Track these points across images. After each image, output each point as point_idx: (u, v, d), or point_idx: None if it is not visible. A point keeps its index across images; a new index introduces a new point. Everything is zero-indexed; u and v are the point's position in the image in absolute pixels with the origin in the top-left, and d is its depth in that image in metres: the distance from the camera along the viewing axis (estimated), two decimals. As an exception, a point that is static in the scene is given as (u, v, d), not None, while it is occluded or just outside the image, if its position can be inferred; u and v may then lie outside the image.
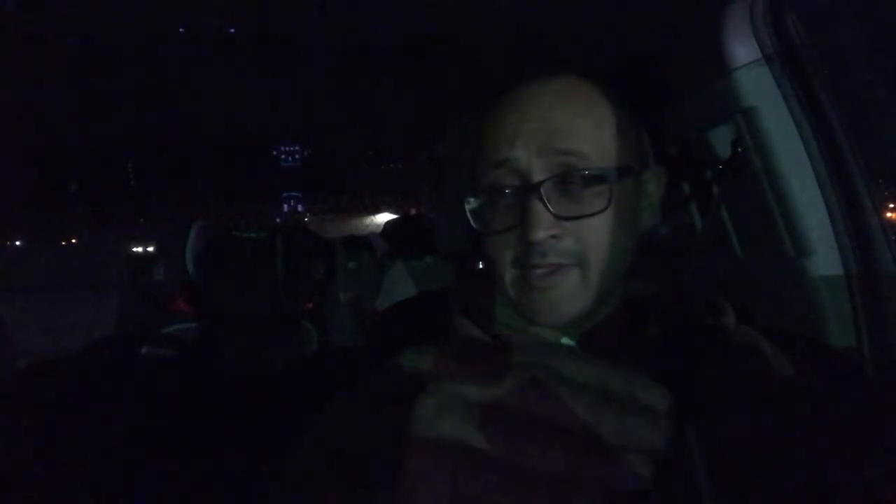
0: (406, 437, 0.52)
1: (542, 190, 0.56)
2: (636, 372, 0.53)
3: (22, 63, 1.42)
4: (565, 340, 0.58)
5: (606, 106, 0.60)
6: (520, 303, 0.59)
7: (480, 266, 1.02)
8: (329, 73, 1.60)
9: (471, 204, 0.62)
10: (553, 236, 0.56)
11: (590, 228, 0.57)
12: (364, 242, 1.88)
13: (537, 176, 0.57)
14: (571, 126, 0.58)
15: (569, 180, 0.57)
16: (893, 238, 0.87)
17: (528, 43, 1.29)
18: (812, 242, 0.89)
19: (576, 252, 0.56)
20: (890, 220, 0.90)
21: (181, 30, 1.30)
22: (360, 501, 0.51)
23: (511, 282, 0.59)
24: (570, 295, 0.57)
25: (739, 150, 0.97)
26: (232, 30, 1.30)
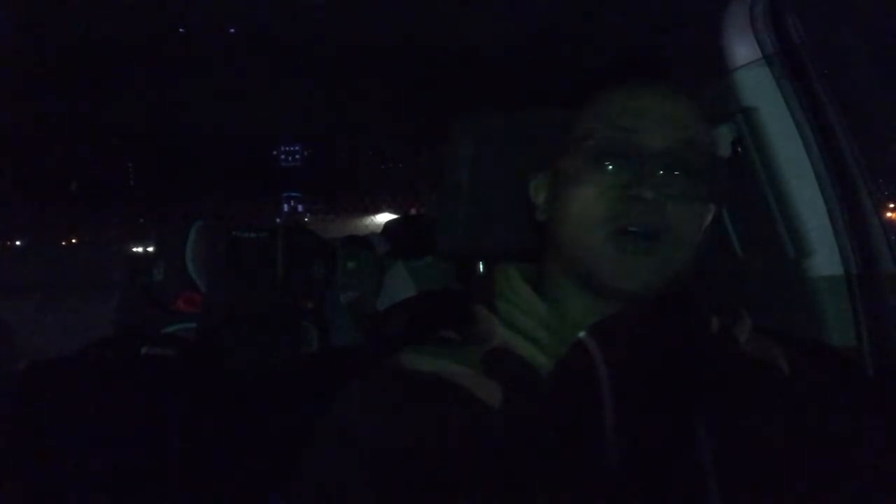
0: (436, 444, 0.53)
1: (661, 158, 0.57)
2: None
3: (23, 63, 1.42)
4: (582, 335, 0.58)
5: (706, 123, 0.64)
6: (598, 263, 0.58)
7: (481, 267, 1.02)
8: (329, 73, 1.60)
9: (566, 160, 0.62)
10: (660, 199, 0.56)
11: (686, 212, 0.58)
12: (364, 242, 1.88)
13: (658, 146, 0.58)
14: (692, 121, 0.60)
15: (684, 162, 0.58)
16: (893, 238, 0.87)
17: (528, 44, 1.29)
18: (812, 242, 0.89)
19: (670, 226, 0.57)
20: (890, 220, 0.90)
21: (181, 30, 1.30)
22: (390, 500, 0.51)
23: (595, 241, 0.59)
24: (655, 265, 0.57)
25: (739, 150, 0.97)
26: (232, 30, 1.30)
